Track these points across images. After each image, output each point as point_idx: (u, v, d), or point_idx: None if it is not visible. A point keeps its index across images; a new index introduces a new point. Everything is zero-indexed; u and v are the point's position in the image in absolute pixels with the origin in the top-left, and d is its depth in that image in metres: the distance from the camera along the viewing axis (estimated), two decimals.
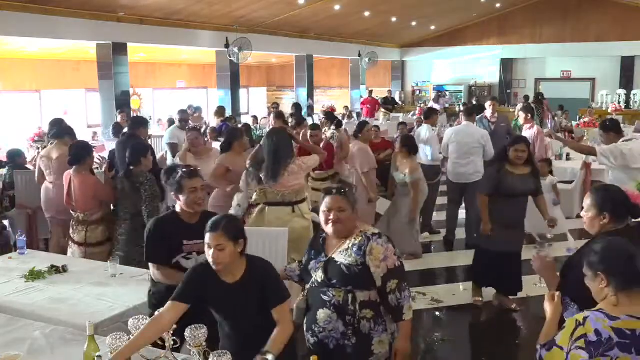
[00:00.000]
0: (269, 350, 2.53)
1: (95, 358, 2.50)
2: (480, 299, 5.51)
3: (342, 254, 2.83)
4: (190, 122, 9.20)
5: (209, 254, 2.70)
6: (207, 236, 2.70)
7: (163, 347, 2.66)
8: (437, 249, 7.27)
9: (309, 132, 6.64)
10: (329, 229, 2.88)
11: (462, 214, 7.24)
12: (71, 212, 5.20)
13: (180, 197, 3.30)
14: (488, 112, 7.90)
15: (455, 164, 7.06)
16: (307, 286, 2.97)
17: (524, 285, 5.25)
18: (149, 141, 7.90)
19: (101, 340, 2.67)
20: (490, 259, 5.23)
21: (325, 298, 2.85)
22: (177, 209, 3.37)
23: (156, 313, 2.76)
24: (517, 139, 5.41)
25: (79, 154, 5.18)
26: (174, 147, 7.66)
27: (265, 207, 4.94)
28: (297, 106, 11.61)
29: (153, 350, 2.70)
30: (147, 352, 2.61)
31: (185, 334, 2.55)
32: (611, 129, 5.54)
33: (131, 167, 4.95)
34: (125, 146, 5.63)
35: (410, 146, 6.51)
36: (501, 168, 5.10)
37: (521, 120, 7.51)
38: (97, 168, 6.86)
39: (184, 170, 3.38)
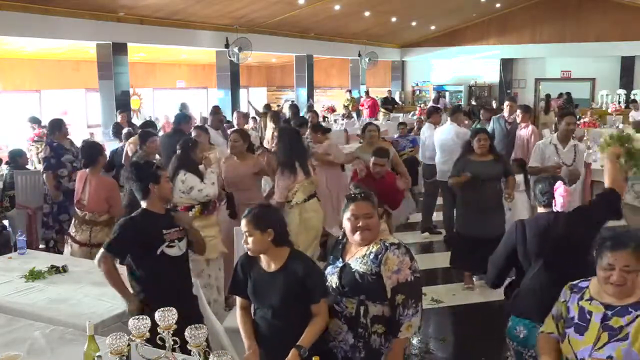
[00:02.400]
0: (302, 345, 2.69)
1: (95, 358, 2.50)
2: (472, 285, 5.83)
3: (358, 261, 2.76)
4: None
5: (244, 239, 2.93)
6: (241, 222, 2.93)
7: (163, 347, 2.66)
8: (437, 249, 7.28)
9: (372, 159, 5.39)
10: (356, 237, 2.78)
11: None
12: (77, 210, 5.22)
13: (157, 186, 3.48)
14: (505, 113, 7.84)
15: (439, 162, 7.24)
16: None
17: None
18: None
19: (101, 340, 2.67)
20: (468, 244, 5.40)
21: (338, 308, 2.80)
22: (144, 205, 3.52)
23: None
24: (478, 130, 5.87)
25: (92, 154, 5.21)
26: None
27: (303, 204, 5.09)
28: (294, 107, 11.00)
29: (153, 350, 2.70)
30: (147, 352, 2.60)
31: (186, 334, 2.55)
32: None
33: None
34: (172, 141, 5.80)
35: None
36: (465, 157, 5.56)
37: (519, 119, 7.46)
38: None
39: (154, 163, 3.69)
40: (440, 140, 7.21)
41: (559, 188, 3.21)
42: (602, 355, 2.41)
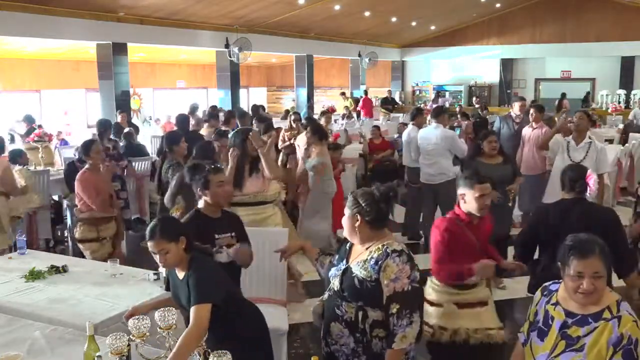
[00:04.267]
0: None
1: (95, 358, 2.50)
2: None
3: (359, 265, 2.71)
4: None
5: (156, 259, 2.84)
6: (149, 244, 2.83)
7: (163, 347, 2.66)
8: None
9: (475, 188, 3.31)
10: None
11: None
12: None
13: (207, 192, 3.44)
14: (516, 112, 7.52)
15: (422, 165, 7.00)
16: (326, 292, 2.90)
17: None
18: None
19: (101, 340, 2.67)
20: None
21: (338, 312, 2.77)
22: (200, 205, 3.50)
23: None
24: (487, 133, 5.86)
25: (84, 152, 5.23)
26: None
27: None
28: (257, 109, 10.59)
29: (153, 350, 2.70)
30: (147, 352, 2.60)
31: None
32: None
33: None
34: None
35: (320, 133, 6.54)
36: (474, 159, 5.55)
37: (531, 118, 7.19)
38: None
39: (211, 165, 3.56)
40: (424, 143, 6.91)
41: (592, 175, 3.59)
42: None
